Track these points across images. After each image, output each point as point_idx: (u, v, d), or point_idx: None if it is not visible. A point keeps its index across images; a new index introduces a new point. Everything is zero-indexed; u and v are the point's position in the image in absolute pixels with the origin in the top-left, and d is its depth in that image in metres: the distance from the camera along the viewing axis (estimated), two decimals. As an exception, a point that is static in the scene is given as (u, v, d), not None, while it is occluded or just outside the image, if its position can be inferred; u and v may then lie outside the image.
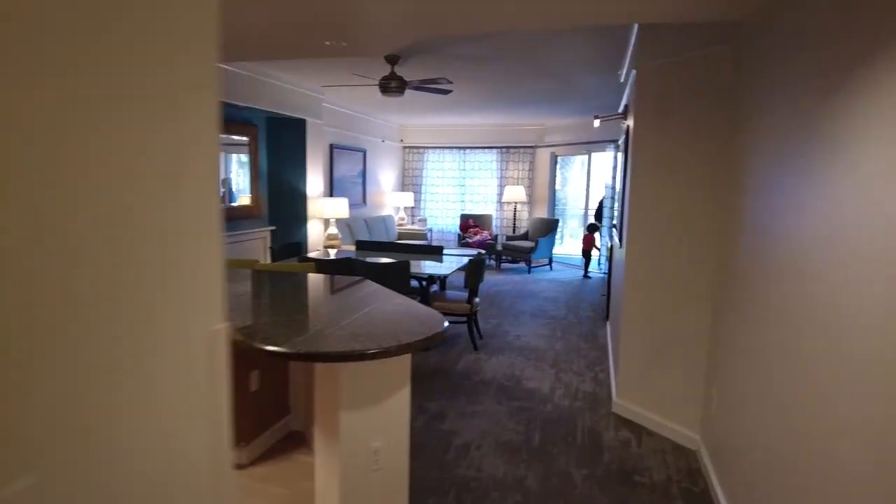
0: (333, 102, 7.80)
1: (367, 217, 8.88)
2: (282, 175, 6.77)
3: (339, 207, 6.85)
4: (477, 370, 4.45)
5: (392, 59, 4.96)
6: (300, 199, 6.81)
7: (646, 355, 3.51)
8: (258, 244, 6.44)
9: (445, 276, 4.96)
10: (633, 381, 3.60)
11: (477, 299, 5.18)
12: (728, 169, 2.96)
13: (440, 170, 10.85)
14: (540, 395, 3.96)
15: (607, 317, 5.92)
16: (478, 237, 9.65)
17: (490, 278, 8.63)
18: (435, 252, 5.84)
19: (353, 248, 6.79)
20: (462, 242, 9.63)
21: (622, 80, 5.23)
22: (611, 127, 8.67)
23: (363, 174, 9.12)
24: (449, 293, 5.30)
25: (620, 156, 5.19)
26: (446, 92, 5.36)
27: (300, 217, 6.84)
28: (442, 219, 10.91)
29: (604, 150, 8.90)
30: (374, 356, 1.96)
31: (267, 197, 6.76)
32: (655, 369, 3.46)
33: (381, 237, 9.03)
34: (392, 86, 5.00)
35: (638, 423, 3.54)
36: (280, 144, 6.74)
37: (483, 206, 10.70)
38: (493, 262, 10.10)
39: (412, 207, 10.94)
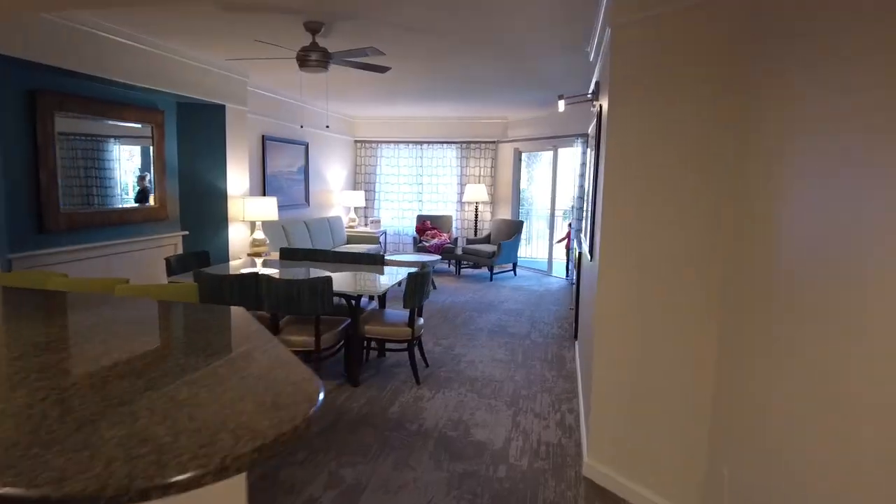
0: (265, 88, 6.80)
1: (308, 219, 7.90)
2: (196, 170, 5.75)
3: (264, 208, 5.86)
4: (415, 415, 3.55)
5: (313, 27, 4.03)
6: (219, 198, 5.80)
7: (625, 407, 2.67)
8: (165, 253, 5.41)
9: (382, 294, 4.04)
10: (610, 438, 2.75)
11: (421, 320, 4.29)
12: (747, 157, 2.13)
13: (395, 166, 9.93)
14: (491, 452, 3.09)
15: (576, 335, 5.10)
16: (435, 241, 8.77)
17: (448, 287, 7.75)
18: (375, 262, 4.92)
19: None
20: (418, 246, 8.73)
21: (592, 59, 4.40)
22: (579, 118, 7.88)
23: (305, 170, 8.13)
24: (389, 313, 4.39)
25: (591, 151, 4.38)
26: (383, 70, 4.45)
27: (219, 220, 5.83)
28: (398, 220, 9.99)
29: (571, 146, 8.12)
30: (131, 500, 1.04)
31: (178, 196, 5.73)
32: (638, 425, 2.62)
33: (326, 242, 8.06)
34: (312, 58, 4.06)
35: (616, 495, 2.70)
36: (194, 134, 5.72)
37: (442, 206, 9.82)
38: (452, 269, 9.23)
39: (364, 208, 9.99)
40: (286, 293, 3.67)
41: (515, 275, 8.79)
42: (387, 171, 9.97)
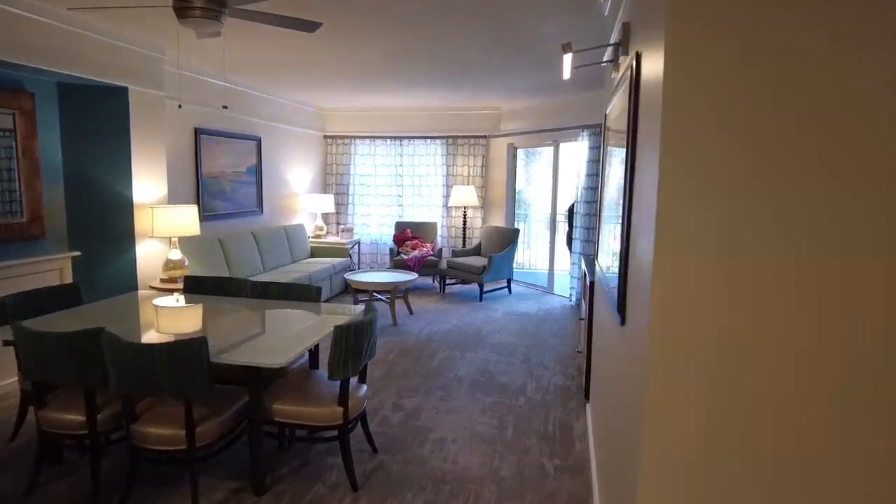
0: (196, 70, 5.46)
1: (259, 229, 6.56)
2: (91, 173, 4.42)
3: (181, 220, 4.53)
4: (336, 563, 2.22)
5: (197, -40, 2.70)
6: (122, 208, 4.47)
7: None
8: (44, 282, 4.07)
9: (283, 367, 2.68)
10: None
11: (363, 389, 2.95)
12: None
13: (371, 165, 8.58)
14: None
15: (587, 394, 3.77)
16: (416, 252, 7.43)
17: (428, 310, 6.41)
18: (310, 297, 3.57)
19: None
20: (395, 260, 7.39)
21: (607, 12, 3.07)
22: (585, 106, 6.55)
23: (258, 171, 6.79)
24: (318, 378, 3.05)
25: (606, 145, 3.08)
26: (311, 27, 3.10)
27: (124, 236, 4.50)
28: (376, 227, 8.64)
29: (575, 139, 6.79)
30: None
31: (64, 206, 4.39)
32: None
33: (282, 257, 6.72)
34: (195, 6, 2.72)
35: None
36: (86, 125, 4.39)
37: (425, 211, 8.48)
38: (435, 284, 7.90)
39: (336, 214, 8.64)
40: (136, 365, 2.34)
41: (510, 293, 7.45)
42: (362, 171, 8.62)
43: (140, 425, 2.47)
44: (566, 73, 2.67)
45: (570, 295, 6.92)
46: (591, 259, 4.41)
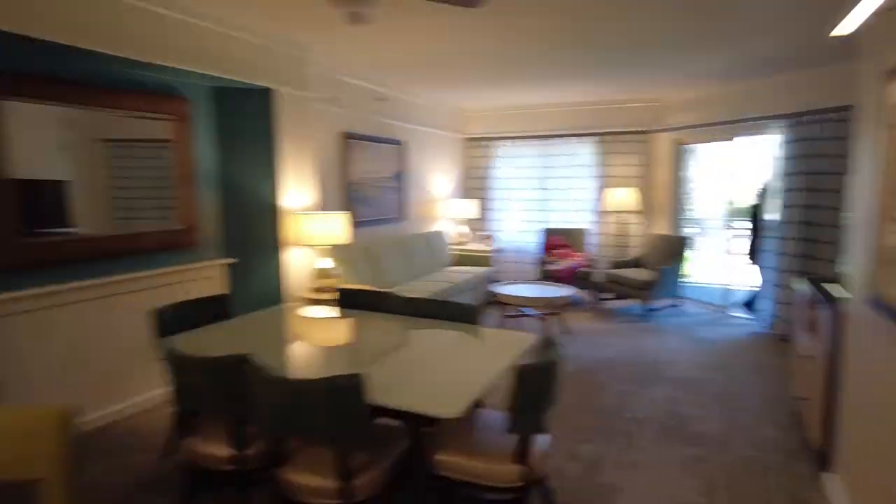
0: (345, 72, 5.25)
1: (402, 237, 6.26)
2: (244, 178, 4.32)
3: (329, 228, 4.27)
4: None
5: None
6: (267, 215, 4.31)
7: None
8: (195, 290, 3.98)
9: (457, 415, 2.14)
10: None
11: (546, 441, 2.35)
12: None
13: (514, 168, 8.00)
14: None
15: (826, 460, 2.83)
16: (566, 263, 6.72)
17: (583, 327, 5.68)
18: (466, 317, 3.02)
19: (365, 287, 4.28)
20: (543, 270, 6.73)
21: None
22: (776, 92, 5.35)
23: (400, 176, 6.52)
24: (489, 421, 2.51)
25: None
26: (473, 2, 2.58)
27: (270, 244, 4.34)
28: (518, 234, 8.04)
29: (760, 133, 5.67)
30: None
31: (220, 214, 4.33)
32: None
33: (426, 267, 6.36)
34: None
35: None
36: (236, 130, 4.29)
37: (574, 216, 7.70)
38: (587, 300, 7.11)
39: (478, 220, 8.18)
40: (281, 403, 1.95)
41: (678, 311, 6.45)
42: (504, 175, 8.07)
43: (289, 472, 2.08)
44: (849, 23, 1.80)
45: (769, 321, 5.63)
46: (821, 280, 3.43)
